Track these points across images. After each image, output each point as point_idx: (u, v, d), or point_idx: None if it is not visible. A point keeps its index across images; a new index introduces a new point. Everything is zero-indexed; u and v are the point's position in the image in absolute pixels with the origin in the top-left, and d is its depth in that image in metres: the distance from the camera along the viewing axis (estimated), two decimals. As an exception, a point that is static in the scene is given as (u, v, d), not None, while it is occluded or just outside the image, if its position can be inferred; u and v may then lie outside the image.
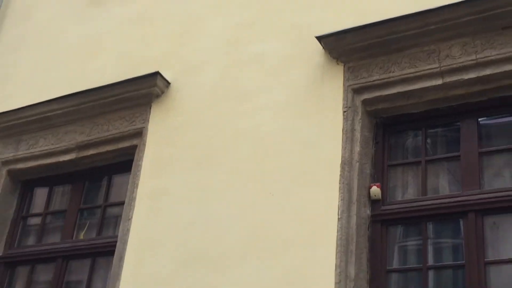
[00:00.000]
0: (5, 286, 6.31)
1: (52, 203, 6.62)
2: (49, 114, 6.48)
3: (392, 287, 4.73)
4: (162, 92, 6.01)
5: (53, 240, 6.40)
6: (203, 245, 5.20)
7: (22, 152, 6.61)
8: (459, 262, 4.57)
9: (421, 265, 4.66)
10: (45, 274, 6.28)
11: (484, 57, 4.65)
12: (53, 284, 6.03)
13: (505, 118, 4.88)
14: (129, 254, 5.50)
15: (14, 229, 6.54)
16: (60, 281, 6.03)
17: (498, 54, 4.61)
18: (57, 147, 6.42)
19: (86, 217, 6.39)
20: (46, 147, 6.50)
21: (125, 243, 5.56)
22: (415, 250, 4.85)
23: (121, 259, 5.51)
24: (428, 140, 5.08)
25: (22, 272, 6.39)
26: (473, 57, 4.69)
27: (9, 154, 6.68)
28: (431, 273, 4.65)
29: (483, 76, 4.66)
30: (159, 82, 5.94)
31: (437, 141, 5.12)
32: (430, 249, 4.74)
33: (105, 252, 5.88)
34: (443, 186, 4.92)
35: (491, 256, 4.47)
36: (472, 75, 4.70)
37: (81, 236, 6.21)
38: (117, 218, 5.99)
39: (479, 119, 4.89)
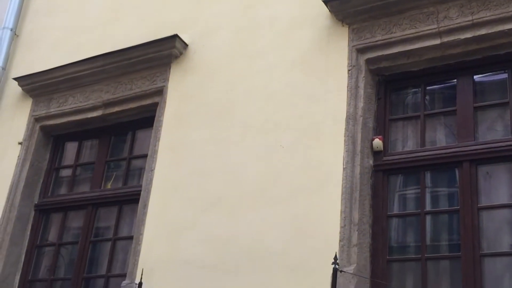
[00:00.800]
0: (41, 231, 6.41)
1: (81, 156, 6.68)
2: (77, 74, 6.53)
3: (392, 230, 4.80)
4: (181, 53, 6.03)
5: (83, 189, 6.48)
6: (220, 192, 5.28)
7: (53, 109, 6.67)
8: (454, 207, 4.62)
9: (419, 210, 4.71)
10: (76, 220, 6.37)
11: (479, 18, 4.64)
12: (84, 229, 6.13)
13: (499, 75, 4.87)
14: (152, 202, 5.59)
15: (48, 179, 6.63)
16: (90, 227, 6.12)
17: (492, 15, 4.59)
18: (85, 105, 6.47)
19: (113, 168, 6.45)
20: (75, 105, 6.55)
21: (148, 191, 5.64)
22: (413, 197, 4.88)
23: (145, 206, 5.60)
24: (427, 96, 5.10)
25: (55, 219, 6.49)
26: (469, 18, 4.68)
27: (41, 111, 6.74)
28: (428, 218, 4.70)
29: (479, 36, 4.66)
30: (177, 44, 5.97)
31: (435, 97, 5.13)
32: (427, 196, 4.78)
33: (131, 200, 5.96)
34: (440, 138, 4.95)
35: (483, 202, 4.52)
36: (468, 35, 4.69)
37: (109, 186, 6.29)
38: (141, 170, 6.07)
39: (475, 76, 4.89)
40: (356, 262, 4.51)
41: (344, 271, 4.37)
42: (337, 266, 4.22)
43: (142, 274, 5.15)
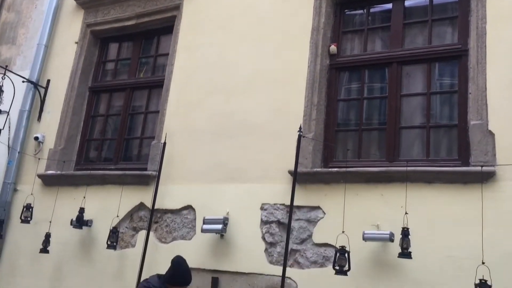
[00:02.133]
0: (93, 106, 6.49)
1: (121, 53, 6.63)
2: (117, -8, 6.39)
3: (340, 110, 4.97)
4: (194, -22, 5.88)
5: (123, 77, 6.48)
6: (221, 81, 5.37)
7: (99, 18, 6.57)
8: (384, 95, 4.76)
9: (360, 96, 4.86)
10: (118, 100, 6.40)
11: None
12: (124, 106, 6.21)
13: (422, 2, 4.83)
14: (172, 87, 5.69)
15: (97, 69, 6.63)
16: (129, 104, 6.20)
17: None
18: (123, 16, 6.37)
19: (144, 63, 6.43)
20: (115, 16, 6.44)
21: (169, 80, 5.73)
22: (356, 88, 4.99)
23: (167, 90, 5.71)
24: (370, 16, 5.08)
25: (104, 98, 6.54)
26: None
27: (91, 20, 6.63)
28: (365, 102, 4.87)
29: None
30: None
31: (376, 17, 5.10)
32: (365, 87, 4.91)
33: (157, 85, 6.00)
34: (377, 46, 5.00)
35: (404, 92, 4.67)
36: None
37: (141, 75, 6.30)
38: (164, 64, 6.06)
39: (405, 2, 4.87)
40: (314, 131, 4.72)
41: (306, 137, 4.58)
42: (301, 134, 4.42)
43: (166, 137, 5.35)
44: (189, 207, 5.14)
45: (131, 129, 6.17)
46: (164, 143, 5.29)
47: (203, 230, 4.81)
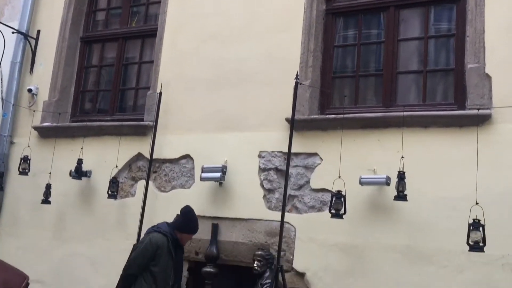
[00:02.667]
0: (86, 57, 6.37)
1: (111, 2, 6.42)
2: None
3: (336, 56, 4.93)
4: None
5: (115, 27, 6.33)
6: (215, 29, 5.29)
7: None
8: (381, 40, 4.72)
9: (356, 42, 4.81)
10: (111, 51, 6.27)
11: None
12: (117, 56, 6.09)
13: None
14: (166, 35, 5.60)
15: (88, 19, 6.44)
16: (122, 54, 6.09)
17: None
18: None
19: (136, 11, 6.27)
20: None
21: (163, 28, 5.63)
22: (352, 34, 4.93)
23: (161, 38, 5.62)
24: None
25: (96, 48, 6.41)
26: None
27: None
28: (362, 48, 4.80)
29: None
30: None
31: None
32: (362, 33, 4.83)
33: (150, 35, 5.88)
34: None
35: (401, 36, 4.61)
36: None
37: (133, 24, 6.17)
38: (157, 13, 5.91)
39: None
40: (311, 78, 4.71)
41: (303, 84, 4.57)
42: (297, 81, 4.40)
43: (161, 87, 5.31)
44: (187, 156, 5.18)
45: (125, 80, 6.11)
46: (160, 93, 5.26)
47: (201, 179, 4.87)
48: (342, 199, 4.02)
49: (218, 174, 4.79)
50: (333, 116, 4.51)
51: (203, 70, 5.25)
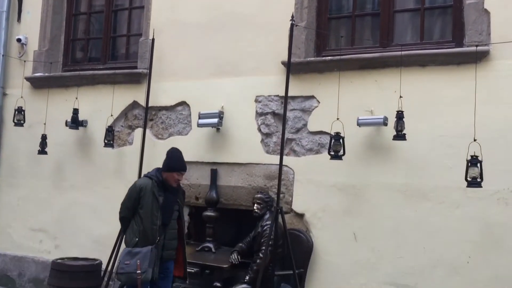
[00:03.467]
0: (75, 3, 6.12)
1: None
2: None
3: None
4: None
5: None
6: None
7: None
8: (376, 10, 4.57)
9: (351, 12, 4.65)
10: None
11: None
12: (106, 3, 5.86)
13: None
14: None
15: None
16: (111, 1, 5.85)
17: None
18: None
19: None
20: None
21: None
22: None
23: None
24: None
25: None
26: None
27: None
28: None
29: None
30: None
31: None
32: None
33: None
34: None
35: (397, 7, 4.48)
36: None
37: None
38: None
39: None
40: (306, 19, 4.61)
41: (298, 26, 4.47)
42: (293, 22, 4.30)
43: (153, 33, 5.18)
44: (183, 103, 5.14)
45: (116, 27, 5.95)
46: (153, 40, 5.14)
47: (199, 125, 4.85)
48: (341, 140, 4.02)
49: (215, 120, 4.77)
50: (329, 57, 4.45)
51: (197, 14, 5.11)
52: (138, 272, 3.74)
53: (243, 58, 4.82)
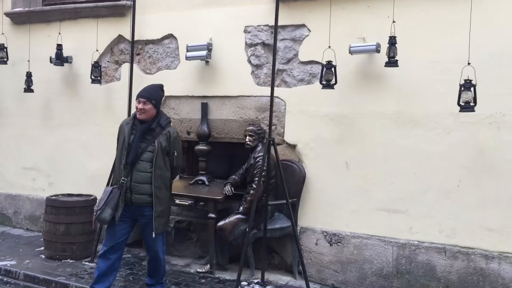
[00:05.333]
0: None
1: None
2: None
3: None
4: None
5: None
6: None
7: None
8: None
9: None
10: None
11: None
12: None
13: None
14: None
15: None
16: None
17: None
18: None
19: None
20: None
21: None
22: None
23: None
24: None
25: None
26: None
27: None
28: None
29: None
30: None
31: None
32: None
33: None
34: None
35: None
36: None
37: None
38: None
39: None
40: None
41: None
42: None
43: (136, -38, 4.90)
44: (170, 36, 4.95)
45: (96, -44, 5.60)
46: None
47: (187, 58, 4.69)
48: (333, 69, 3.91)
49: (203, 53, 4.61)
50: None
51: None
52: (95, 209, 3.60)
53: (230, -14, 4.60)
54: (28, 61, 5.35)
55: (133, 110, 4.84)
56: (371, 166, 4.08)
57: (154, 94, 3.71)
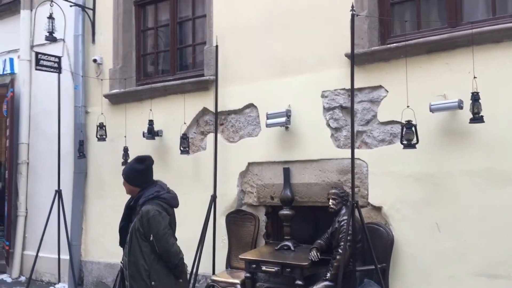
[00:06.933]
0: (142, 22, 6.36)
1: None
2: None
3: (392, -19, 4.55)
4: None
5: None
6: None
7: None
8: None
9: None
10: (164, 12, 6.21)
11: None
12: (171, 16, 6.05)
13: None
14: (215, -13, 5.45)
15: (139, -17, 6.42)
16: (175, 14, 6.03)
17: None
18: None
19: None
20: None
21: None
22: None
23: (211, -9, 5.46)
24: None
25: (150, 10, 6.39)
26: None
27: None
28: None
29: None
30: None
31: None
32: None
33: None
34: None
35: None
36: None
37: None
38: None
39: None
40: (367, 7, 4.45)
41: (360, 15, 4.31)
42: (354, 12, 4.13)
43: (217, 40, 5.24)
44: (251, 105, 5.15)
45: (182, 38, 6.08)
46: (216, 46, 5.20)
47: (267, 125, 4.84)
48: (413, 128, 3.83)
49: (283, 119, 4.73)
50: (395, 44, 4.24)
51: (255, 17, 5.11)
52: None
53: (305, 55, 4.76)
54: (125, 137, 5.81)
55: (219, 179, 5.07)
56: (465, 228, 3.84)
57: (126, 170, 3.59)
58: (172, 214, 3.48)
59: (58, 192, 5.94)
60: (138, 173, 3.52)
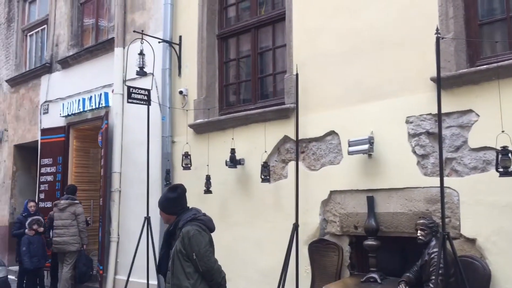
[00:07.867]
0: (224, 54, 6.59)
1: (239, -5, 6.56)
2: None
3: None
4: None
5: (245, 18, 6.44)
6: (342, -1, 5.04)
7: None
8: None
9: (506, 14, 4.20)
10: (245, 44, 6.41)
11: None
12: (252, 47, 6.22)
13: None
14: (295, 17, 5.55)
15: (221, 17, 6.67)
16: (256, 44, 6.20)
17: None
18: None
19: (262, 1, 6.29)
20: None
21: (290, 10, 5.60)
22: None
23: (290, 21, 5.58)
24: None
25: (232, 43, 6.61)
26: None
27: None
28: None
29: None
30: None
31: None
32: None
33: (279, 19, 5.91)
34: None
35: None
36: None
37: (262, 12, 6.22)
38: (282, -4, 5.88)
39: None
40: (454, 30, 4.26)
41: (445, 38, 4.15)
42: (439, 35, 3.98)
43: (297, 68, 5.27)
44: (332, 133, 5.08)
45: (262, 68, 6.20)
46: (297, 75, 5.23)
47: (349, 152, 4.74)
48: (510, 155, 3.55)
49: (365, 146, 4.61)
50: (485, 66, 4.01)
51: (336, 44, 5.08)
52: None
53: (387, 80, 4.63)
54: (207, 165, 5.96)
55: (301, 208, 5.02)
56: None
57: (160, 200, 3.68)
58: (210, 236, 3.50)
59: (147, 219, 6.20)
60: (171, 202, 3.60)
